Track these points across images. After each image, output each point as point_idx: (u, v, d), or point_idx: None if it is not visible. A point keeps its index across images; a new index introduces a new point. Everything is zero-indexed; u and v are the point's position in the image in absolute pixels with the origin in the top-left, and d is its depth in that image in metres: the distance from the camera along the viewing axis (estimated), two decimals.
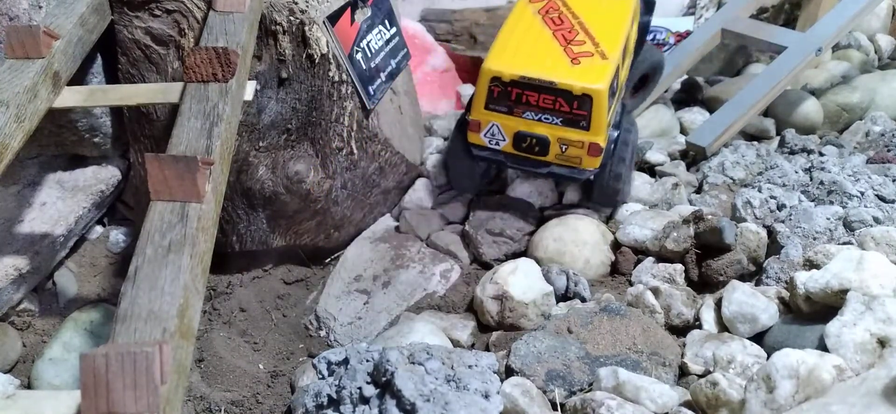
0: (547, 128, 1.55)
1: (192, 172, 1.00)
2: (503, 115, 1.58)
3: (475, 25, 2.63)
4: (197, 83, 1.23)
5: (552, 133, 1.55)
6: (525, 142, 1.58)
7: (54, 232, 1.53)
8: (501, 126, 1.59)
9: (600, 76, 1.52)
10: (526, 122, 1.56)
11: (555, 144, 1.56)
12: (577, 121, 1.53)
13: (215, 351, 1.47)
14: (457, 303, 1.56)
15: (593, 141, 1.54)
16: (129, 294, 0.89)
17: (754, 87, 2.07)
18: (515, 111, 1.56)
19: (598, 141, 1.54)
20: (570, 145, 1.55)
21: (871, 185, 1.61)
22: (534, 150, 1.59)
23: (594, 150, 1.55)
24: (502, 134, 1.60)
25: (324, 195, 1.63)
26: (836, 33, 2.16)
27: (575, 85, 1.50)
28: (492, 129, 1.60)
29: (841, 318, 1.13)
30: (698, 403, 1.10)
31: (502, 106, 1.57)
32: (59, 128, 1.54)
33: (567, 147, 1.56)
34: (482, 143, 1.63)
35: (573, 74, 1.52)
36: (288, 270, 1.73)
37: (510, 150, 1.61)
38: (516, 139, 1.59)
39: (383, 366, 1.11)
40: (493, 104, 1.58)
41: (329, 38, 1.53)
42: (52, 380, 1.43)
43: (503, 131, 1.59)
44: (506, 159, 1.65)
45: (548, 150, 1.58)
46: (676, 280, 1.48)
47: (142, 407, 0.75)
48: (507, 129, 1.59)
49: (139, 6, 1.47)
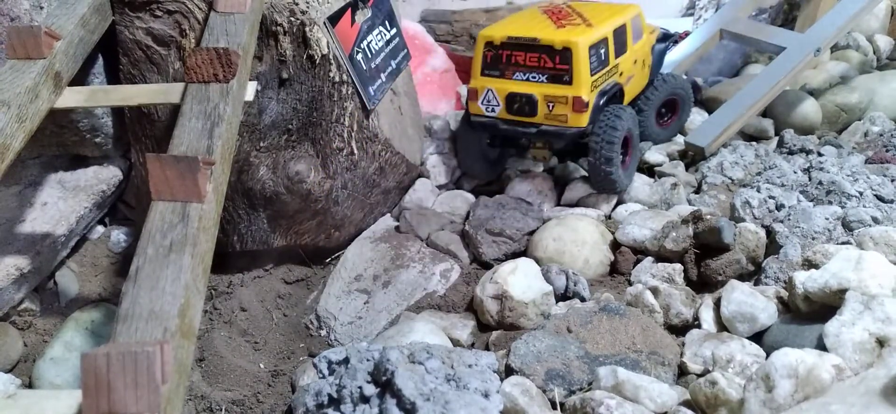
0: (534, 87, 1.73)
1: (194, 172, 1.01)
2: (496, 78, 1.78)
3: (475, 26, 2.63)
4: (198, 84, 1.24)
5: (539, 91, 1.73)
6: (516, 103, 1.76)
7: (55, 232, 1.54)
8: (495, 90, 1.78)
9: (582, 34, 1.70)
10: (515, 82, 1.75)
11: (542, 103, 1.73)
12: (561, 76, 1.70)
13: (216, 350, 1.47)
14: (457, 302, 1.56)
15: (577, 95, 1.69)
16: (130, 294, 0.89)
17: (753, 88, 2.08)
18: (506, 73, 1.77)
19: (581, 94, 1.68)
20: (555, 102, 1.71)
21: (869, 185, 1.61)
22: (524, 110, 1.75)
23: (578, 104, 1.69)
24: (496, 98, 1.78)
25: (324, 195, 1.64)
26: (835, 34, 2.17)
27: (556, 39, 1.69)
28: (487, 95, 1.79)
29: (840, 317, 1.13)
30: (697, 403, 1.10)
31: (495, 70, 1.78)
32: (60, 128, 1.54)
33: (553, 105, 1.72)
34: (480, 111, 1.82)
35: (556, 33, 1.73)
36: (288, 269, 1.74)
37: (504, 115, 1.79)
38: (508, 101, 1.77)
39: (383, 365, 1.11)
40: (487, 70, 1.79)
41: (330, 38, 1.53)
42: (54, 379, 1.43)
43: (497, 95, 1.78)
44: (500, 124, 1.80)
45: (536, 109, 1.74)
46: (675, 280, 1.48)
47: (143, 406, 0.75)
48: (501, 92, 1.77)
49: (141, 7, 1.47)
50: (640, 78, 1.96)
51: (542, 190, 1.87)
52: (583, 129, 1.72)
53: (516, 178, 1.92)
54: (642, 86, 1.99)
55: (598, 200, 1.80)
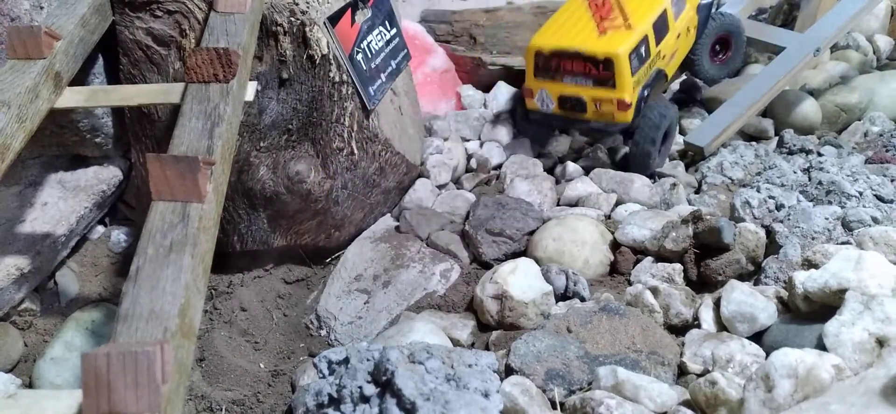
0: (582, 89, 1.93)
1: (194, 172, 1.01)
2: (548, 81, 1.98)
3: (475, 26, 2.63)
4: (198, 84, 1.24)
5: (587, 93, 1.93)
6: (567, 103, 1.97)
7: (56, 232, 1.54)
8: (548, 91, 1.99)
9: (622, 42, 1.86)
10: (565, 85, 1.95)
11: (590, 103, 1.93)
12: (605, 81, 1.89)
13: (216, 350, 1.47)
14: (457, 302, 1.56)
15: (620, 98, 1.88)
16: (130, 294, 0.89)
17: (753, 88, 2.08)
18: (556, 77, 1.96)
19: (625, 97, 1.88)
20: (602, 102, 1.91)
21: (869, 185, 1.61)
22: (575, 108, 1.97)
23: (622, 105, 1.89)
24: (549, 98, 2.00)
25: (324, 195, 1.64)
26: (835, 34, 2.17)
27: (598, 51, 1.87)
28: (542, 95, 2.00)
29: (839, 317, 1.13)
30: (697, 402, 1.10)
31: (546, 74, 1.98)
32: (60, 128, 1.54)
33: (600, 104, 1.92)
34: (536, 107, 2.05)
35: (599, 43, 1.89)
36: (289, 269, 1.74)
37: (557, 111, 2.01)
38: (560, 101, 1.98)
39: (384, 365, 1.11)
40: (539, 75, 1.99)
41: (330, 38, 1.53)
42: (54, 379, 1.43)
43: (550, 96, 1.99)
44: (553, 121, 2.07)
45: (585, 108, 1.95)
46: (675, 280, 1.48)
47: (143, 406, 0.75)
48: (553, 93, 1.98)
49: (141, 7, 1.47)
50: (686, 43, 2.13)
51: (542, 190, 1.87)
52: (628, 123, 1.93)
53: (516, 178, 1.93)
54: (689, 47, 2.15)
55: (598, 200, 1.81)
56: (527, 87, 2.02)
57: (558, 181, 1.96)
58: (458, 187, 1.99)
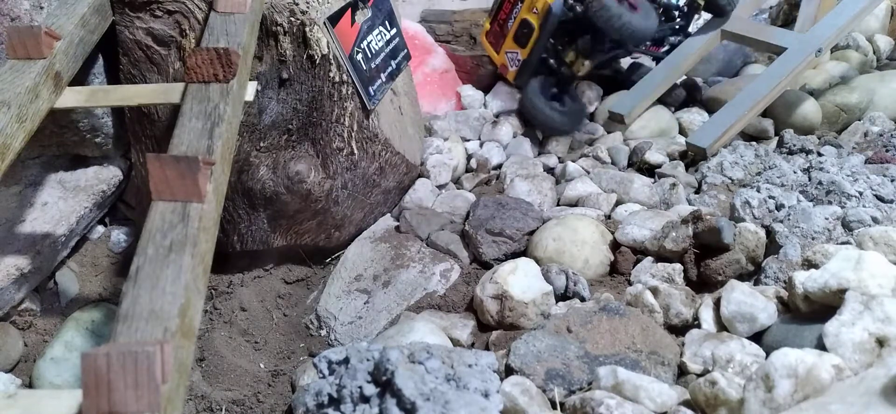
0: (520, 15, 2.26)
1: (194, 172, 1.01)
2: (504, 41, 2.32)
3: (475, 26, 2.63)
4: (198, 84, 1.23)
5: (525, 13, 2.26)
6: (520, 35, 2.25)
7: (56, 232, 1.54)
8: (509, 48, 2.29)
9: None
10: (511, 28, 2.28)
11: (529, 13, 2.25)
12: None
13: (216, 350, 1.47)
14: (457, 302, 1.56)
15: None
16: (130, 294, 0.89)
17: (754, 89, 2.08)
18: (505, 31, 2.31)
19: None
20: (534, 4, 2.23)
21: (869, 185, 1.61)
22: (528, 34, 2.24)
23: None
24: (515, 52, 2.28)
25: (324, 195, 1.64)
26: (836, 34, 2.17)
27: None
28: (509, 57, 2.29)
29: (839, 317, 1.13)
30: (697, 403, 1.10)
31: (500, 39, 2.32)
32: (60, 128, 1.54)
33: (534, 5, 2.23)
34: (514, 74, 2.31)
35: None
36: (289, 269, 1.74)
37: (524, 54, 2.27)
38: (516, 39, 2.25)
39: (384, 365, 1.11)
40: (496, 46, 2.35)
41: (329, 38, 1.53)
42: (54, 379, 1.43)
43: (513, 49, 2.28)
44: (530, 62, 2.29)
45: (532, 29, 2.22)
46: (675, 280, 1.48)
47: (143, 406, 0.75)
48: (512, 43, 2.30)
49: (141, 7, 1.47)
50: None
51: (542, 190, 1.87)
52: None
53: (515, 178, 1.93)
54: None
55: (598, 200, 1.81)
56: (500, 67, 2.30)
57: (558, 181, 1.96)
58: (458, 187, 2.00)
